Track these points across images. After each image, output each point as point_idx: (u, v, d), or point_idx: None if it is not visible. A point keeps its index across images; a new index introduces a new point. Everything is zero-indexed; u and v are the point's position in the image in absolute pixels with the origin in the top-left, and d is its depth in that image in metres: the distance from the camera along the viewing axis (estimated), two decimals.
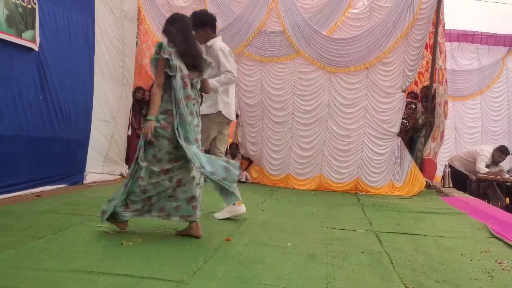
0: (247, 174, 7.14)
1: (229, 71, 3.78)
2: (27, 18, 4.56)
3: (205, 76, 3.29)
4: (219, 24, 7.01)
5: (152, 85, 3.12)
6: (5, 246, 2.62)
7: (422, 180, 6.51)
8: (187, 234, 3.10)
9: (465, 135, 9.80)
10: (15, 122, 4.52)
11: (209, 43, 3.91)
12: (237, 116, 6.47)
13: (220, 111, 3.86)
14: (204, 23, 3.88)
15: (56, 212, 3.75)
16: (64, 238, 2.89)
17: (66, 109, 5.31)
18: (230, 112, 3.97)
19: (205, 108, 3.83)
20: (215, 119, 3.89)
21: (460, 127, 9.84)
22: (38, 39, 4.74)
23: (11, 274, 2.17)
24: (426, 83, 7.37)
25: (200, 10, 4.30)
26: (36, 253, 2.52)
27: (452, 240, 3.48)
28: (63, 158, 5.29)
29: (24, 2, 4.50)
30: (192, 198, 3.06)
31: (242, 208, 3.86)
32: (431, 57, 6.98)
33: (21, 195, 4.43)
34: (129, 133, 6.97)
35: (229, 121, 4.04)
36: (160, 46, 3.01)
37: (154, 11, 7.05)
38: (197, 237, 3.07)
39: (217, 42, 3.91)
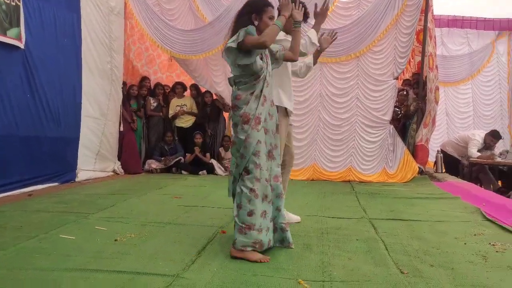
0: None
1: None
2: (12, 15, 4.48)
3: None
4: (208, 17, 6.95)
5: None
6: None
7: (414, 166, 6.54)
8: None
9: (457, 120, 9.85)
10: (4, 122, 4.46)
11: None
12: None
13: None
14: None
15: (48, 211, 3.71)
16: (57, 237, 2.86)
17: (54, 107, 5.25)
18: None
19: None
20: None
21: (452, 113, 9.89)
22: (23, 36, 4.66)
23: (4, 275, 2.14)
24: (413, 70, 7.39)
25: None
26: (28, 253, 2.50)
27: (446, 224, 3.49)
28: (54, 157, 5.24)
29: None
30: None
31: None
32: (417, 45, 6.98)
33: (12, 195, 4.39)
34: (121, 128, 6.88)
35: None
36: None
37: (141, 5, 6.94)
38: None
39: None
